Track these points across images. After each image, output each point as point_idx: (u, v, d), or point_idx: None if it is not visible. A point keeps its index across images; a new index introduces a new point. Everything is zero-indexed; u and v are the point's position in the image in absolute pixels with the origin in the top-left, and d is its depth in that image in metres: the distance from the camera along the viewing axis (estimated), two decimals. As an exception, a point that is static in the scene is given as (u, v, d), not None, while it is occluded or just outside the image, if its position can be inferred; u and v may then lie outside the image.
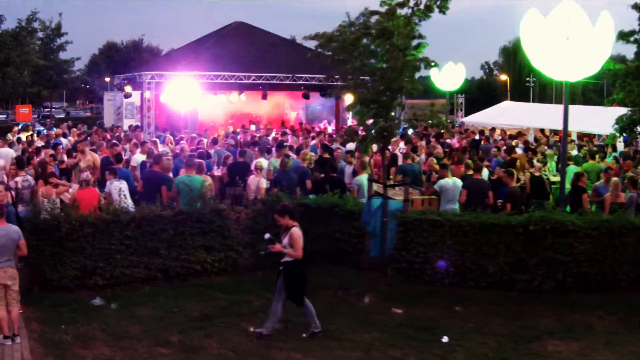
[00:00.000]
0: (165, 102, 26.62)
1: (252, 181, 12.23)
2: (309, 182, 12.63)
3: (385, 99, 10.14)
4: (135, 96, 27.18)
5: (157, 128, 25.04)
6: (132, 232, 9.97)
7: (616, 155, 17.51)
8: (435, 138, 19.50)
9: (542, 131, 25.87)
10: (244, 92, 27.72)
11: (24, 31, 34.97)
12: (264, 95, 27.39)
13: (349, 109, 11.26)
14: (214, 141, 17.31)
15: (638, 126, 13.42)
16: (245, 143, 18.40)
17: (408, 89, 10.07)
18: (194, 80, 24.66)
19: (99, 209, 10.41)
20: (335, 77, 11.06)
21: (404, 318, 9.07)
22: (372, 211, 10.57)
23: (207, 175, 12.11)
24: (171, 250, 10.23)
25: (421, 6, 10.13)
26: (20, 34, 34.39)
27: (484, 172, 12.80)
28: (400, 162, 14.81)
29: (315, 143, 18.21)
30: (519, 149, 17.15)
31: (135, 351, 7.90)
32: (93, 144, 16.50)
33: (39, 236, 9.55)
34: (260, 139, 19.38)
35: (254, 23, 32.25)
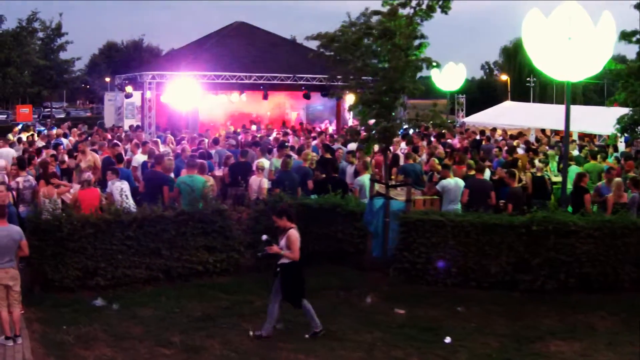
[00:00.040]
0: (166, 102, 26.62)
1: (254, 181, 12.21)
2: (310, 183, 12.61)
3: (387, 99, 10.12)
4: (136, 96, 27.14)
5: (157, 128, 25.02)
6: (133, 233, 9.94)
7: (617, 155, 17.48)
8: (437, 138, 19.48)
9: (543, 131, 25.86)
10: (244, 92, 27.71)
11: (25, 31, 34.96)
12: (265, 95, 27.38)
13: (351, 109, 11.24)
14: (215, 141, 17.29)
15: (639, 126, 13.43)
16: (246, 143, 18.37)
17: (410, 89, 10.06)
18: (195, 81, 24.65)
19: (101, 209, 10.39)
20: (337, 77, 11.01)
21: (406, 318, 9.06)
22: (374, 211, 10.55)
23: (208, 176, 12.09)
24: (173, 250, 10.21)
25: (423, 6, 10.10)
26: (20, 34, 34.37)
27: (486, 173, 12.79)
28: (401, 162, 14.80)
29: (316, 143, 18.19)
30: (520, 149, 17.13)
31: (136, 352, 7.88)
32: (94, 144, 16.49)
33: (41, 236, 9.52)
34: (261, 139, 19.35)
35: (254, 23, 32.29)
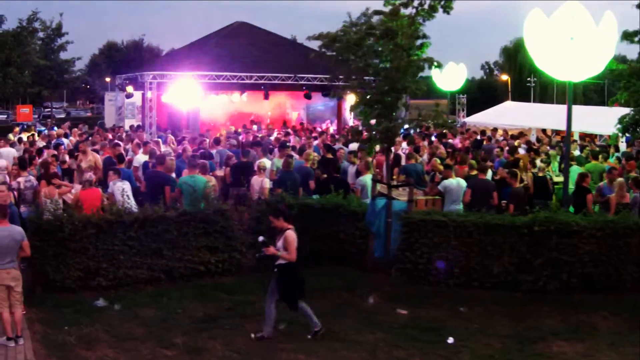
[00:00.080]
0: (167, 102, 26.62)
1: (256, 181, 12.18)
2: (312, 183, 12.59)
3: (389, 99, 10.10)
4: (136, 96, 27.13)
5: (158, 128, 25.00)
6: (135, 233, 9.92)
7: (618, 155, 17.47)
8: (438, 138, 19.46)
9: (544, 131, 25.85)
10: (245, 92, 27.69)
11: (25, 31, 34.98)
12: (266, 95, 27.39)
13: (352, 109, 11.22)
14: (217, 141, 17.26)
15: (640, 126, 13.43)
16: (247, 143, 18.34)
17: (412, 89, 10.04)
18: (196, 81, 24.64)
19: (102, 209, 10.37)
20: (339, 77, 10.99)
21: (408, 319, 9.04)
22: (376, 212, 10.53)
23: (210, 176, 12.07)
24: (175, 251, 10.17)
25: (425, 6, 10.08)
26: (21, 34, 34.39)
27: (488, 173, 12.76)
28: (403, 162, 14.77)
29: (317, 143, 18.16)
30: (522, 149, 17.11)
31: (139, 353, 7.85)
32: (94, 144, 16.47)
33: (42, 237, 9.49)
34: (262, 139, 19.33)
35: (254, 23, 32.28)
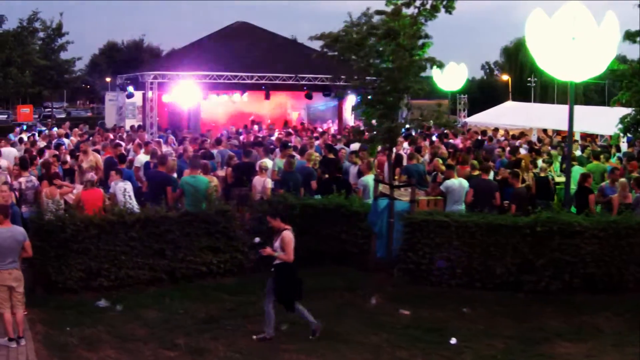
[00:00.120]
0: (168, 102, 26.60)
1: (258, 182, 12.15)
2: (314, 183, 12.57)
3: (392, 100, 10.09)
4: (137, 96, 27.09)
5: (159, 128, 24.98)
6: (137, 234, 9.90)
7: (620, 155, 17.44)
8: (439, 138, 19.45)
9: (545, 131, 25.83)
10: (246, 92, 27.69)
11: (26, 31, 34.95)
12: (267, 95, 27.35)
13: (354, 109, 11.21)
14: (218, 141, 17.25)
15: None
16: (248, 143, 18.32)
17: (415, 89, 10.03)
18: (197, 81, 24.64)
19: (104, 209, 10.34)
20: (340, 77, 10.97)
21: (411, 319, 9.03)
22: (379, 212, 10.51)
23: (212, 176, 12.03)
24: (176, 251, 10.15)
25: (427, 6, 10.06)
26: (21, 34, 34.35)
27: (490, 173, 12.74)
28: (404, 162, 14.76)
29: (319, 143, 18.14)
30: (523, 150, 17.10)
31: (141, 354, 7.84)
32: (95, 144, 16.45)
33: (44, 237, 9.47)
34: (263, 140, 19.31)
35: (254, 23, 32.23)
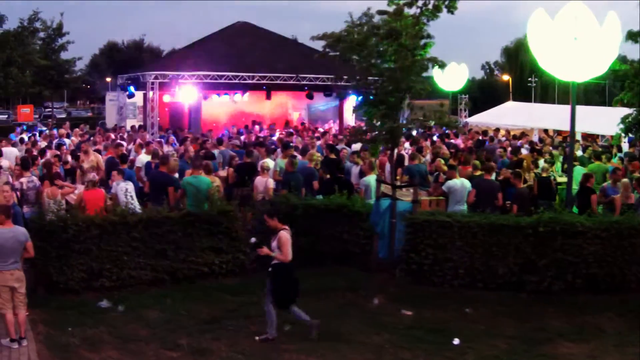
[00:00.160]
0: (168, 102, 26.56)
1: (260, 182, 12.13)
2: (316, 183, 12.56)
3: (394, 100, 10.07)
4: (138, 96, 27.06)
5: (160, 128, 24.96)
6: (139, 234, 9.88)
7: (621, 155, 17.42)
8: (440, 138, 19.43)
9: (546, 131, 25.80)
10: (247, 92, 27.66)
11: (26, 31, 34.82)
12: (268, 95, 27.30)
13: (357, 109, 11.19)
14: (219, 141, 17.24)
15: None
16: (249, 143, 18.32)
17: (417, 89, 10.01)
18: (199, 82, 24.63)
19: (105, 210, 10.32)
20: (343, 77, 10.95)
21: (413, 320, 9.03)
22: (381, 212, 10.48)
23: (214, 176, 12.01)
24: (178, 252, 10.14)
25: (429, 6, 10.04)
26: (22, 33, 34.22)
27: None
28: (406, 162, 14.74)
29: (320, 143, 18.12)
30: (524, 150, 17.08)
31: (143, 354, 7.84)
32: (96, 144, 16.44)
33: (45, 238, 9.44)
34: (264, 140, 19.30)
35: (254, 23, 32.18)
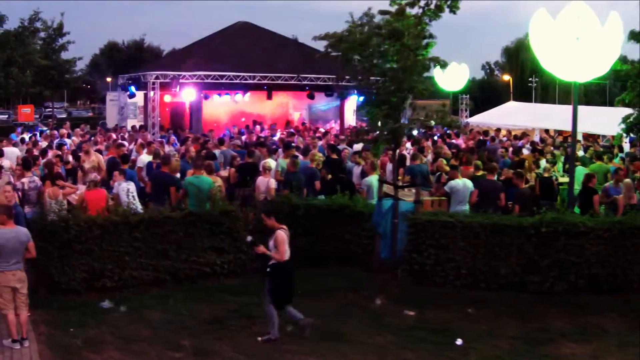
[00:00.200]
0: (169, 102, 26.57)
1: (261, 182, 12.10)
2: (317, 183, 12.54)
3: (396, 100, 10.05)
4: (138, 96, 27.06)
5: (161, 128, 24.96)
6: (140, 234, 9.86)
7: (622, 156, 17.42)
8: (442, 138, 19.42)
9: (547, 132, 25.80)
10: (248, 92, 27.65)
11: (27, 31, 34.75)
12: (269, 95, 27.27)
13: (359, 109, 11.18)
14: (221, 141, 17.22)
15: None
16: (250, 143, 18.30)
17: (419, 89, 10.00)
18: (199, 82, 24.64)
19: (107, 210, 10.30)
20: (345, 77, 10.94)
21: (416, 320, 9.02)
22: (383, 212, 10.47)
23: (216, 176, 11.99)
24: (180, 252, 10.12)
25: (432, 6, 10.02)
26: (22, 33, 34.16)
27: (493, 173, 12.69)
28: (407, 163, 14.71)
29: (322, 144, 18.10)
30: (526, 150, 17.08)
31: (146, 355, 7.82)
32: (97, 144, 16.43)
33: (47, 238, 9.41)
34: (265, 140, 19.28)
35: (254, 23, 32.17)
